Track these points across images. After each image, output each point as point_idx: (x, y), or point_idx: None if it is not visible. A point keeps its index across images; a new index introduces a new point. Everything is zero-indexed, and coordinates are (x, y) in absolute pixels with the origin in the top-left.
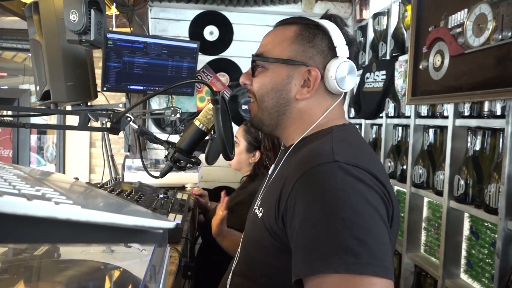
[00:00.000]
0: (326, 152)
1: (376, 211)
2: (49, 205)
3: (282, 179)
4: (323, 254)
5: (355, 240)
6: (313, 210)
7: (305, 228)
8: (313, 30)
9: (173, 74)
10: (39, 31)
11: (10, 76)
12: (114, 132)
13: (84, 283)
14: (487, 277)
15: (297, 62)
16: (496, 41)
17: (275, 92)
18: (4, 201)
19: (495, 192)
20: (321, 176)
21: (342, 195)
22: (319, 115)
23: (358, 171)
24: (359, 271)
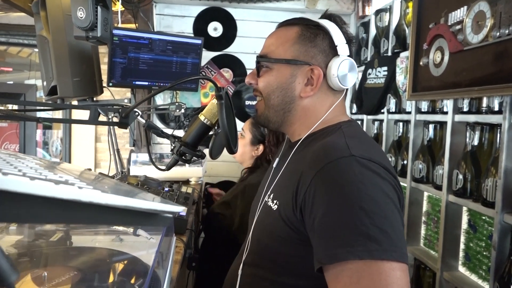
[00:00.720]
0: (342, 146)
1: (392, 201)
2: (74, 189)
3: (297, 173)
4: (346, 242)
5: (376, 228)
6: (335, 202)
7: (328, 219)
8: (314, 30)
9: (177, 70)
10: (46, 27)
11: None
12: (123, 126)
13: (96, 268)
14: (484, 269)
15: (300, 62)
16: (494, 38)
17: (280, 90)
18: (36, 184)
19: (492, 186)
20: (340, 170)
21: (361, 187)
22: (323, 111)
23: (373, 164)
24: (381, 257)
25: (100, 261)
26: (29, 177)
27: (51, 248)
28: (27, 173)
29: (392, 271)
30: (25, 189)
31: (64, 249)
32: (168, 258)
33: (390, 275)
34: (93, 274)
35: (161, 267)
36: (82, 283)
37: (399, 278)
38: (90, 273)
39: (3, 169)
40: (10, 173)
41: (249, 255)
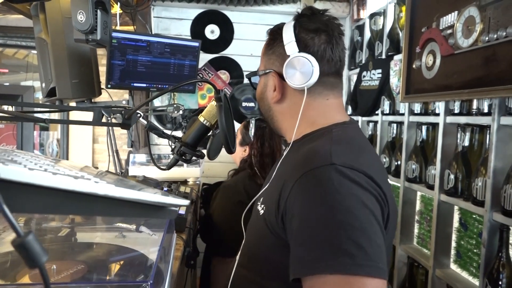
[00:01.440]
0: (324, 154)
1: (372, 213)
2: (91, 184)
3: (281, 179)
4: (319, 256)
5: (351, 242)
6: (311, 213)
7: (303, 230)
8: (274, 36)
9: (175, 72)
10: (45, 29)
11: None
12: (125, 127)
13: (101, 262)
14: (475, 266)
15: (266, 71)
16: (483, 42)
17: (261, 100)
18: (58, 179)
19: (482, 186)
20: (317, 179)
21: (339, 198)
22: (299, 113)
23: (355, 173)
24: (354, 272)
25: (104, 255)
26: (51, 172)
27: (59, 244)
28: (48, 169)
29: (365, 287)
30: (48, 183)
31: (70, 244)
32: (169, 254)
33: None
34: (98, 267)
35: (164, 262)
36: (89, 275)
37: None
38: (95, 267)
39: (27, 165)
40: (34, 168)
41: (241, 256)
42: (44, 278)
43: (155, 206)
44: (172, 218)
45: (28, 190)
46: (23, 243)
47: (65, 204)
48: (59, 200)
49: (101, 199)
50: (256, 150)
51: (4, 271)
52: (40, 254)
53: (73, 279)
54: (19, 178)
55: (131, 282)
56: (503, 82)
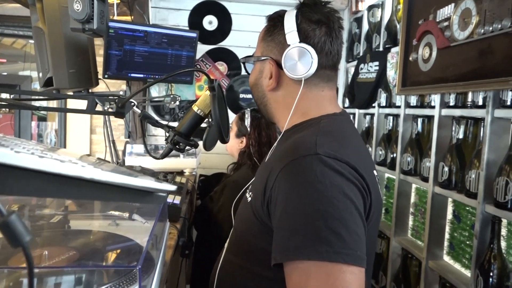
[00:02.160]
0: (309, 144)
1: (352, 203)
2: (77, 167)
3: (268, 167)
4: (299, 242)
5: (329, 230)
6: (293, 201)
7: (285, 217)
8: (275, 23)
9: (172, 62)
10: (42, 18)
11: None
12: (119, 116)
13: (93, 248)
14: (467, 258)
15: (263, 57)
16: (479, 35)
17: (255, 86)
18: (44, 162)
19: (475, 178)
20: (301, 169)
21: (320, 187)
22: (294, 103)
23: (338, 164)
24: (331, 259)
25: (97, 242)
26: (38, 156)
27: (52, 230)
28: (35, 152)
29: (341, 274)
30: (35, 166)
31: (63, 231)
32: (161, 241)
33: (339, 277)
34: (90, 253)
35: (155, 249)
36: (80, 261)
37: (348, 281)
38: (87, 253)
39: (14, 148)
40: (21, 151)
41: (229, 243)
42: (27, 257)
43: (142, 191)
44: (160, 204)
45: (14, 172)
46: (6, 222)
47: (51, 187)
48: (45, 183)
49: (88, 183)
50: (253, 140)
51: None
52: (23, 233)
53: (64, 264)
54: (4, 160)
55: (120, 267)
56: (498, 74)
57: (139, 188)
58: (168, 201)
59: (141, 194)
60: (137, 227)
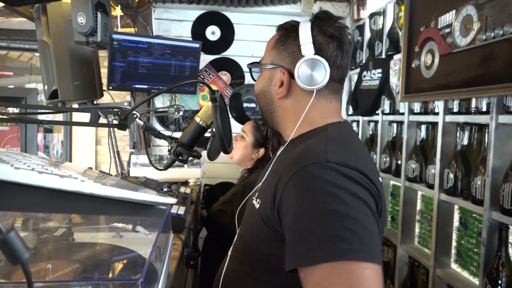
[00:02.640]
0: (319, 151)
1: (366, 205)
2: (77, 182)
3: (277, 174)
4: (316, 245)
5: (346, 229)
6: (305, 206)
7: (298, 222)
8: (288, 33)
9: (176, 73)
10: (47, 32)
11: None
12: (122, 128)
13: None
14: (475, 266)
15: (274, 66)
16: (481, 41)
17: (263, 94)
18: (43, 178)
19: (481, 185)
20: (312, 174)
21: (332, 190)
22: (302, 112)
23: (349, 170)
24: (351, 257)
25: (100, 255)
26: (37, 171)
27: (55, 243)
28: (35, 168)
29: (362, 270)
30: (34, 182)
31: (67, 244)
32: (165, 253)
33: (361, 274)
34: (93, 266)
35: (159, 261)
36: (83, 274)
37: (370, 277)
38: (91, 266)
39: (14, 164)
40: (21, 167)
41: (233, 251)
42: (26, 274)
43: (143, 205)
44: (160, 216)
45: (14, 188)
46: (5, 239)
47: (51, 202)
48: (45, 198)
49: (88, 198)
50: (274, 149)
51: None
52: (22, 250)
53: (67, 278)
54: (3, 176)
55: (122, 280)
56: (501, 80)
57: (139, 202)
58: (172, 211)
59: (142, 207)
60: (140, 239)
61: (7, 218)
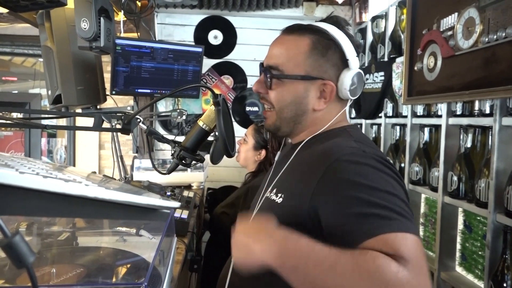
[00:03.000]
0: (354, 145)
1: (402, 194)
2: (81, 186)
3: (304, 165)
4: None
5: (400, 208)
6: (360, 185)
7: (352, 201)
8: (326, 43)
9: (179, 77)
10: (51, 37)
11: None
12: (125, 132)
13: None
14: (480, 269)
15: (314, 78)
16: (483, 43)
17: (294, 104)
18: (48, 182)
19: (485, 187)
20: (356, 160)
21: (376, 176)
22: (330, 119)
23: (385, 162)
24: (410, 231)
25: (104, 259)
26: (42, 176)
27: (60, 248)
28: (40, 172)
29: (418, 243)
30: (39, 186)
31: (71, 248)
32: (169, 257)
33: (419, 245)
34: (97, 270)
35: (162, 265)
36: (87, 278)
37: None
38: (94, 270)
39: (19, 169)
40: (26, 172)
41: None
42: (31, 278)
43: (146, 209)
44: (164, 220)
45: (19, 192)
46: (10, 243)
47: (56, 206)
48: (50, 202)
49: (92, 202)
50: (275, 150)
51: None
52: (27, 254)
53: (71, 282)
54: (8, 181)
55: (126, 284)
56: (504, 82)
57: (143, 206)
58: (175, 215)
59: (145, 211)
60: (144, 243)
61: (12, 223)
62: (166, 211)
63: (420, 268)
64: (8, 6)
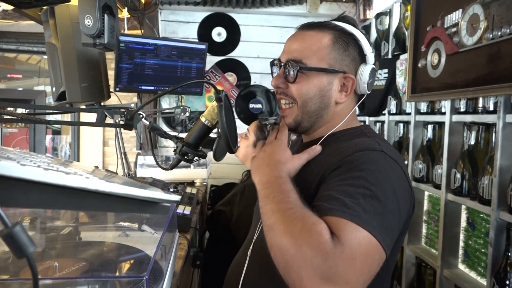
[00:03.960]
0: (373, 144)
1: (397, 204)
2: (81, 179)
3: (321, 164)
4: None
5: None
6: (353, 174)
7: (340, 182)
8: (346, 38)
9: (182, 74)
10: (55, 34)
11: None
12: (128, 128)
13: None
14: (483, 266)
15: (337, 70)
16: (488, 40)
17: (318, 97)
18: (49, 174)
19: (488, 184)
20: (370, 157)
21: (378, 175)
22: (347, 115)
23: (399, 168)
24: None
25: (106, 253)
26: (43, 168)
27: (63, 242)
28: (41, 165)
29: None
30: (40, 178)
31: (74, 243)
32: (170, 252)
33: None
34: (99, 264)
35: (164, 260)
36: (89, 272)
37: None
38: (97, 264)
39: (21, 161)
40: (27, 164)
41: (257, 243)
42: (31, 267)
43: (146, 202)
44: (164, 214)
45: (19, 184)
46: (11, 233)
47: (56, 198)
48: (51, 195)
49: (92, 194)
50: None
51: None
52: (27, 244)
53: (73, 276)
54: (9, 172)
55: (127, 277)
56: (508, 79)
57: (143, 199)
58: (178, 211)
59: (146, 204)
60: (146, 238)
61: (16, 217)
62: (166, 204)
63: (348, 257)
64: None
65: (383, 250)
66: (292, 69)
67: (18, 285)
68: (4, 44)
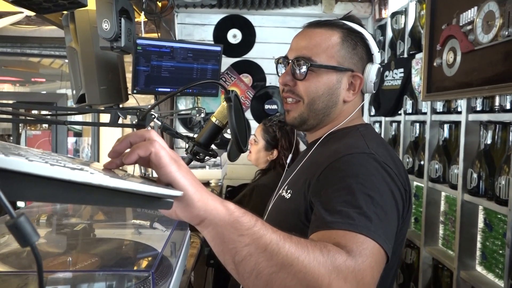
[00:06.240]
0: (362, 145)
1: (396, 204)
2: (86, 174)
3: (314, 165)
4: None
5: (374, 213)
6: (345, 181)
7: (332, 193)
8: (354, 37)
9: (198, 76)
10: (75, 38)
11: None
12: (140, 128)
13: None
14: (501, 268)
15: (346, 68)
16: (503, 37)
17: (326, 95)
18: (54, 169)
19: (505, 184)
20: (357, 160)
21: (372, 178)
22: (351, 113)
23: (388, 168)
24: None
25: (118, 249)
26: (50, 164)
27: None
28: (49, 161)
29: (377, 251)
30: (45, 173)
31: (88, 239)
32: (181, 249)
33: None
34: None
35: (174, 256)
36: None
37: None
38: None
39: (29, 157)
40: (35, 160)
41: None
42: (36, 256)
43: (149, 197)
44: (168, 209)
45: (26, 179)
46: (15, 223)
47: (61, 193)
48: (56, 189)
49: (96, 189)
50: (285, 150)
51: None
52: (31, 234)
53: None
54: (16, 167)
55: (134, 271)
56: None
57: (147, 194)
58: None
59: (148, 199)
60: (157, 235)
61: (33, 214)
62: (169, 200)
63: (368, 267)
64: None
65: (386, 256)
66: (301, 66)
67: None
68: (27, 49)
